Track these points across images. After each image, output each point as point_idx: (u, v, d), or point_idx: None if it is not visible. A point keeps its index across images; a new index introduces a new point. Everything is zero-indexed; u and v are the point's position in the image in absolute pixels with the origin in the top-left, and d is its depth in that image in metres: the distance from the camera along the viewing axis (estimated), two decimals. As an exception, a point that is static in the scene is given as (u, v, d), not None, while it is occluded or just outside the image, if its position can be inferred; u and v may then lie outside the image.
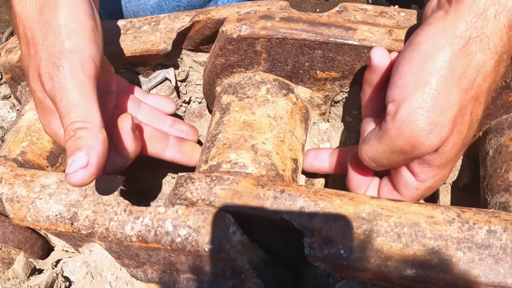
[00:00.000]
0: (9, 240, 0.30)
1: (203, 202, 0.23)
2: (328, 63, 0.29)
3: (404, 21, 0.30)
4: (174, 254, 0.24)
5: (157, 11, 0.48)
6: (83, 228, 0.25)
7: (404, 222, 0.21)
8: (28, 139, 0.34)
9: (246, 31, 0.28)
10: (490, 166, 0.29)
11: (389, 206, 0.22)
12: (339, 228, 0.21)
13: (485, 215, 0.21)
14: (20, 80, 0.38)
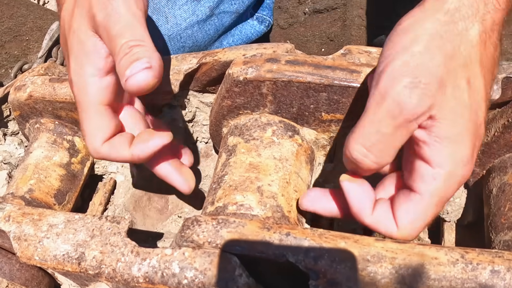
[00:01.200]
0: (16, 277, 0.31)
1: (210, 244, 0.25)
2: (333, 105, 0.30)
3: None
4: (180, 296, 0.25)
5: (164, 52, 0.51)
6: (90, 268, 0.26)
7: (409, 264, 0.22)
8: (36, 176, 0.36)
9: (252, 74, 0.30)
10: (494, 204, 0.30)
11: (394, 248, 0.23)
12: (344, 271, 0.22)
13: (488, 255, 0.22)
14: (28, 117, 0.40)
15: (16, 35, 0.68)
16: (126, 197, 0.41)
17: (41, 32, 0.67)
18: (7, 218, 0.30)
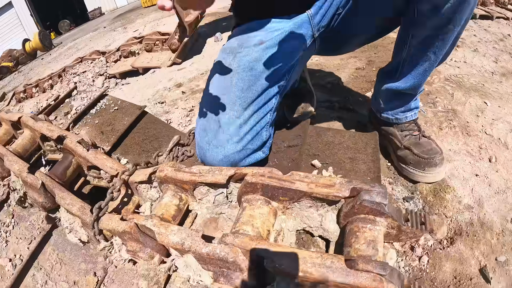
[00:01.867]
0: (158, 249, 0.77)
1: (231, 243, 0.66)
2: (285, 194, 0.72)
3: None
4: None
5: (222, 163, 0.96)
6: (187, 248, 0.71)
7: (311, 257, 0.63)
8: (164, 210, 0.83)
9: (253, 180, 0.73)
10: (346, 238, 0.69)
11: (308, 254, 0.64)
12: (286, 261, 0.61)
13: (332, 256, 0.62)
14: (163, 183, 0.88)
15: (157, 138, 1.24)
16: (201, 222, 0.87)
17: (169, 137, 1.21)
18: (153, 224, 0.76)
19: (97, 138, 1.34)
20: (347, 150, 1.10)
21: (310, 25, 1.01)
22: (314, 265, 0.57)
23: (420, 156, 1.10)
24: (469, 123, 1.51)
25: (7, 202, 1.28)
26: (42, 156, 1.37)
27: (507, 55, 2.31)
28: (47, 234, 1.11)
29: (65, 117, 1.58)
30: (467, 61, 2.18)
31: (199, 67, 2.58)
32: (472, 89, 1.80)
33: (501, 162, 1.28)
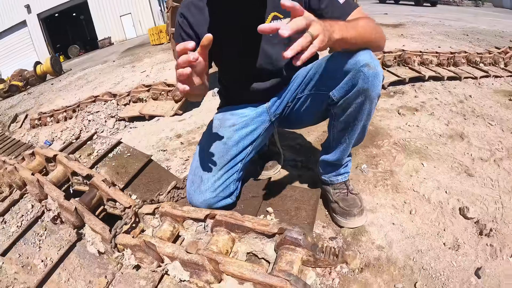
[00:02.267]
0: (154, 256, 1.20)
1: (201, 254, 1.12)
2: (239, 229, 1.17)
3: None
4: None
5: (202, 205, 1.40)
6: (173, 256, 1.15)
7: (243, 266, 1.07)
8: (162, 233, 1.26)
9: (220, 218, 1.16)
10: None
11: (245, 266, 1.08)
12: (232, 266, 1.07)
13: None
14: (163, 215, 1.33)
15: (159, 180, 1.71)
16: (186, 243, 1.31)
17: (168, 181, 1.67)
18: (156, 241, 1.19)
19: (113, 177, 1.79)
20: (295, 202, 1.56)
21: (268, 113, 1.51)
22: (247, 270, 1.01)
23: (343, 209, 1.54)
24: (401, 182, 1.86)
25: (41, 218, 1.70)
26: (70, 186, 1.82)
27: (460, 117, 2.66)
28: (72, 245, 1.51)
29: (88, 157, 2.03)
30: (419, 125, 2.55)
31: (196, 120, 3.09)
32: (415, 152, 2.15)
33: (419, 214, 1.62)
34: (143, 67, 7.80)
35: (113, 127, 3.37)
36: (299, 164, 2.10)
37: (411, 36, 6.85)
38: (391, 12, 14.85)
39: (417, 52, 3.82)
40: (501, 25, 10.19)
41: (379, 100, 2.86)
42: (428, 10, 17.42)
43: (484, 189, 1.77)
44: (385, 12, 14.72)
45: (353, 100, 1.21)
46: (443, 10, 17.56)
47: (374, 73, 1.14)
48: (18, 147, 3.72)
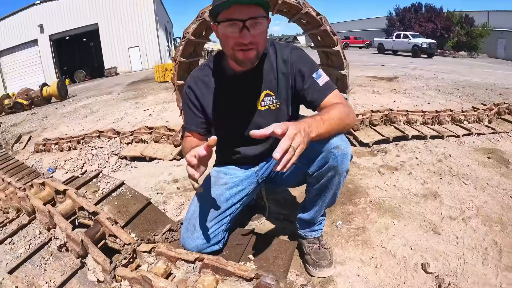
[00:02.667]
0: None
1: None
2: (222, 271, 1.39)
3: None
4: None
5: (193, 249, 1.64)
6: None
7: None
8: (157, 270, 1.48)
9: (206, 261, 1.40)
10: None
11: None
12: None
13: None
14: (158, 255, 1.55)
15: (155, 222, 1.94)
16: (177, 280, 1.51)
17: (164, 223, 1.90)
18: (151, 276, 1.40)
19: (115, 215, 2.02)
20: (273, 251, 1.79)
21: (256, 176, 1.78)
22: None
23: (314, 260, 1.77)
24: (371, 238, 2.02)
25: (48, 245, 1.89)
26: (76, 219, 2.03)
27: (436, 177, 2.83)
28: (75, 271, 1.70)
29: (93, 194, 2.26)
30: (396, 184, 2.72)
31: None
32: (388, 210, 2.31)
33: (383, 268, 1.78)
34: (147, 104, 8.16)
35: (115, 164, 3.62)
36: (281, 217, 2.33)
37: (403, 91, 7.25)
38: (388, 63, 15.43)
39: (403, 112, 4.10)
40: (493, 77, 10.76)
41: (362, 159, 3.19)
42: (424, 61, 18.11)
43: (449, 246, 1.92)
44: (382, 63, 15.32)
45: (325, 174, 1.50)
46: (439, 62, 18.25)
47: (343, 153, 1.43)
48: (22, 170, 3.94)
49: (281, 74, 1.58)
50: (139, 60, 32.31)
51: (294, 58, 1.57)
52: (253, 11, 1.30)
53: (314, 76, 1.53)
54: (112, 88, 14.90)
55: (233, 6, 1.28)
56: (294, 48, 1.62)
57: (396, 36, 25.63)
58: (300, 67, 1.56)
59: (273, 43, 1.63)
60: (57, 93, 13.35)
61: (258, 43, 1.38)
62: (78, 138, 4.45)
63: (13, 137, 6.79)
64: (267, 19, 1.39)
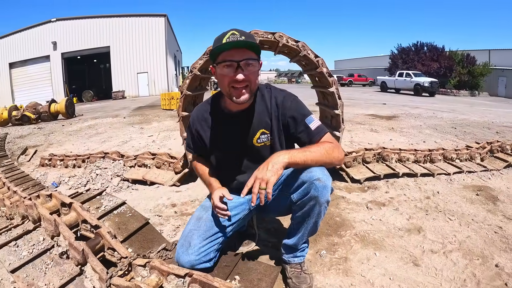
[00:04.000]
0: None
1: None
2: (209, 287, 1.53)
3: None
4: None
5: (186, 265, 1.78)
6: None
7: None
8: (150, 282, 1.62)
9: (195, 277, 1.54)
10: None
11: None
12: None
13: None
14: (151, 269, 1.68)
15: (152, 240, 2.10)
16: None
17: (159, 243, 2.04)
18: (145, 286, 1.53)
19: (115, 230, 2.18)
20: (258, 274, 1.94)
21: (248, 204, 1.97)
22: None
23: (295, 284, 1.91)
24: (352, 267, 2.11)
25: (50, 251, 2.04)
26: (78, 230, 2.18)
27: (422, 213, 2.91)
28: (73, 278, 1.84)
29: (96, 209, 2.42)
30: (382, 219, 2.80)
31: (191, 194, 3.54)
32: (371, 243, 2.40)
33: None
34: (151, 131, 8.40)
35: (117, 185, 3.79)
36: (270, 244, 2.47)
37: (400, 130, 7.44)
38: (389, 101, 15.72)
39: (395, 150, 4.23)
40: (492, 115, 10.97)
41: (352, 194, 3.35)
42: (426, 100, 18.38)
43: (427, 277, 1.99)
44: (384, 101, 15.60)
45: (307, 202, 1.69)
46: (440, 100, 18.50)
47: (323, 185, 1.63)
48: (27, 181, 4.11)
49: (274, 116, 1.82)
50: (147, 85, 33.14)
51: (287, 104, 1.79)
52: (246, 54, 1.58)
53: (307, 121, 1.74)
54: (118, 111, 15.26)
55: (231, 50, 1.55)
56: (287, 94, 1.83)
57: (399, 75, 26.29)
58: (292, 113, 1.77)
59: (268, 86, 1.87)
60: (65, 111, 13.68)
61: (251, 80, 1.63)
62: (83, 157, 4.63)
63: (19, 148, 6.98)
64: (258, 61, 1.64)
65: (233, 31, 1.56)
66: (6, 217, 2.92)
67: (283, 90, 1.87)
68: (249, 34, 1.60)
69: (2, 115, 13.31)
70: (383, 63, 41.86)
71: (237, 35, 1.54)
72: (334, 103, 3.53)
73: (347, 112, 10.36)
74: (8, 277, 2.18)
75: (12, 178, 4.16)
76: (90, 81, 37.74)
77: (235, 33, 1.55)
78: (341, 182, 3.86)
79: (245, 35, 1.56)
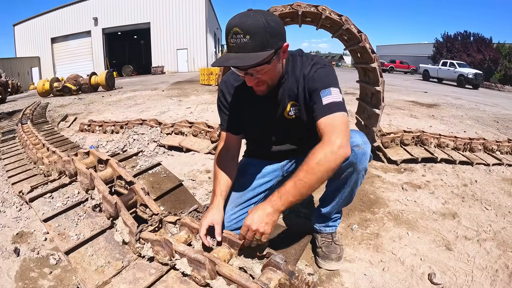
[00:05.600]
0: (168, 252, 1.57)
1: (204, 256, 1.47)
2: (237, 246, 1.52)
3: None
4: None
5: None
6: (183, 253, 1.51)
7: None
8: (179, 237, 1.63)
9: (224, 236, 1.54)
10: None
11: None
12: (226, 269, 1.41)
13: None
14: (181, 226, 1.70)
15: (184, 202, 2.11)
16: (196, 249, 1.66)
17: (191, 204, 2.06)
18: (173, 240, 1.55)
19: (149, 189, 2.20)
20: (288, 241, 1.92)
21: (281, 170, 1.92)
22: (235, 274, 1.35)
23: (324, 253, 1.89)
24: (383, 244, 2.11)
25: (84, 204, 2.10)
26: (113, 186, 2.23)
27: (458, 199, 2.85)
28: (103, 230, 1.88)
29: (131, 168, 2.47)
30: (417, 201, 2.78)
31: None
32: (404, 222, 2.39)
33: (390, 272, 1.84)
34: (189, 103, 8.52)
35: (153, 150, 3.87)
36: (301, 214, 2.49)
37: (441, 118, 7.18)
38: (431, 90, 15.16)
39: (435, 135, 4.12)
40: None
41: (388, 174, 3.27)
42: (468, 92, 17.55)
43: (459, 263, 1.95)
44: (425, 90, 15.04)
45: (345, 169, 1.61)
46: (483, 94, 17.61)
47: (362, 152, 1.55)
48: (66, 144, 4.28)
49: (301, 88, 1.62)
50: (186, 62, 33.52)
51: (312, 74, 1.55)
52: (252, 61, 1.29)
53: (321, 93, 1.46)
54: (157, 85, 15.56)
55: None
56: (316, 63, 1.58)
57: (442, 64, 25.15)
58: (314, 84, 1.52)
59: (301, 54, 1.66)
60: (105, 83, 14.10)
61: (266, 80, 1.46)
62: (121, 123, 4.76)
63: (59, 116, 7.30)
64: (271, 60, 1.36)
65: (236, 29, 1.26)
66: (44, 174, 3.05)
67: (314, 57, 1.62)
68: (257, 27, 1.27)
69: (44, 86, 13.94)
70: (426, 51, 40.11)
71: (240, 36, 1.26)
72: (376, 79, 3.42)
73: (387, 97, 9.97)
74: (41, 228, 2.32)
75: (51, 141, 4.32)
76: (130, 57, 38.60)
77: (238, 32, 1.26)
78: (377, 162, 3.79)
79: (250, 33, 1.25)
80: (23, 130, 4.90)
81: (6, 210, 2.76)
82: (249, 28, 1.25)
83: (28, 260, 2.07)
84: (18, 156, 4.01)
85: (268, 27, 1.28)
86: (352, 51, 3.76)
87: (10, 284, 1.87)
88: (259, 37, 1.26)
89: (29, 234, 2.36)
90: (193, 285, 1.44)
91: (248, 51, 1.27)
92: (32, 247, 2.20)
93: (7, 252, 2.15)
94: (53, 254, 2.12)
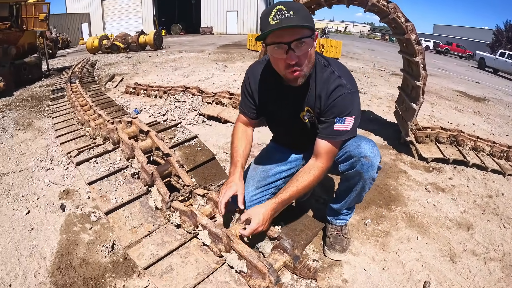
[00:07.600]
0: (193, 222, 1.80)
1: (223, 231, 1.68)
2: None
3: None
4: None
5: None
6: (205, 225, 1.73)
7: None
8: (204, 210, 1.85)
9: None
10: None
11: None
12: (239, 246, 1.62)
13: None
14: (207, 200, 1.92)
15: (214, 174, 2.32)
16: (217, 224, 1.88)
17: (221, 178, 2.27)
18: (199, 213, 1.77)
19: (183, 160, 2.44)
20: (302, 225, 2.10)
21: (302, 160, 2.05)
22: (246, 251, 1.48)
23: (331, 243, 2.03)
24: (390, 243, 2.16)
25: (124, 170, 2.36)
26: (151, 156, 2.49)
27: (478, 211, 2.75)
28: (139, 195, 2.12)
29: (169, 139, 2.71)
30: (436, 205, 2.74)
31: (260, 137, 3.61)
32: (417, 225, 2.40)
33: (389, 272, 1.92)
34: (234, 70, 8.64)
35: (193, 119, 4.11)
36: (321, 200, 2.60)
37: (486, 116, 6.59)
38: (484, 81, 14.18)
39: (472, 137, 3.91)
40: None
41: (415, 171, 3.36)
42: (525, 89, 16.35)
43: (458, 277, 1.95)
44: (478, 80, 14.18)
45: (352, 177, 1.76)
46: (542, 93, 16.40)
47: (369, 163, 1.66)
48: (111, 106, 4.61)
49: (318, 100, 1.64)
50: (235, 24, 33.34)
51: (334, 97, 1.58)
52: (297, 33, 1.36)
53: (336, 119, 1.58)
54: (204, 47, 15.73)
55: (279, 30, 1.35)
56: (342, 85, 1.58)
57: (500, 54, 23.19)
58: (334, 109, 1.59)
59: (328, 65, 1.65)
60: (153, 42, 14.46)
61: (303, 63, 1.48)
62: (165, 88, 5.02)
63: (107, 75, 7.68)
64: (312, 37, 1.42)
65: (280, 6, 1.34)
66: (90, 136, 3.38)
67: (341, 76, 1.60)
68: (299, 6, 1.39)
69: (93, 43, 14.53)
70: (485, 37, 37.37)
71: (284, 11, 1.33)
72: (417, 73, 3.36)
73: (435, 83, 9.60)
74: (85, 187, 2.60)
75: (98, 103, 4.64)
76: (179, 16, 38.74)
77: (282, 9, 1.33)
78: (408, 156, 3.75)
79: (293, 9, 1.34)
80: (72, 89, 5.30)
81: (54, 168, 3.07)
82: (292, 5, 1.35)
83: (72, 215, 2.36)
84: (66, 115, 4.35)
85: (306, 10, 1.42)
86: (398, 40, 3.68)
87: (56, 236, 2.15)
88: (302, 13, 1.36)
89: (74, 191, 2.66)
90: (211, 254, 1.63)
91: (294, 23, 1.34)
92: (76, 204, 2.49)
93: (54, 207, 2.45)
94: (94, 212, 2.39)
